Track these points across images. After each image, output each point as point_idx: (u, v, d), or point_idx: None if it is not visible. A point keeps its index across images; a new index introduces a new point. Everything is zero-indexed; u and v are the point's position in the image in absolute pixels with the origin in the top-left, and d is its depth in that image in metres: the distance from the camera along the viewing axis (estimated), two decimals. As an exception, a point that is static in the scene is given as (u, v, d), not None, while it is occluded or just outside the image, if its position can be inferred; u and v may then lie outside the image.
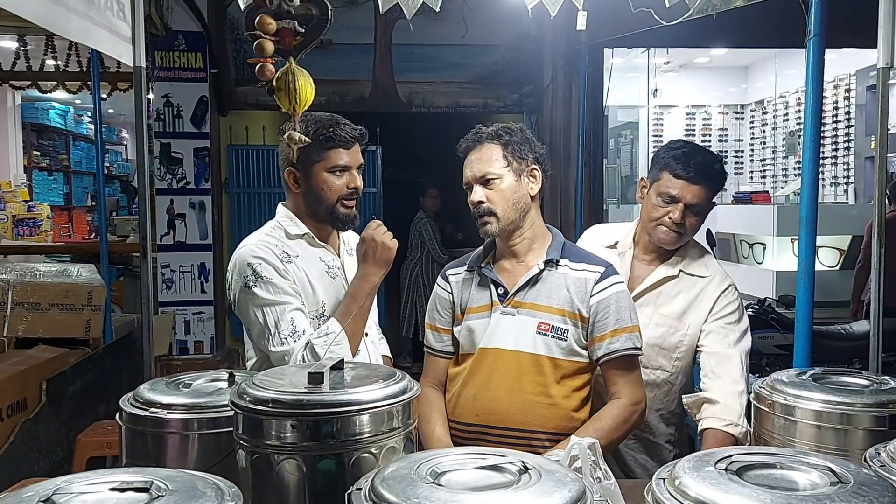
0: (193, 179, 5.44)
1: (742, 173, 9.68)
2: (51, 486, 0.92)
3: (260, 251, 1.79)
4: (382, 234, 1.86)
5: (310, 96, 1.49)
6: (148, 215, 2.07)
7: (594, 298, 1.82)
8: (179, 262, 5.47)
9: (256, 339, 1.80)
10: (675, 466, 1.02)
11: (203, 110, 5.42)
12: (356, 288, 1.85)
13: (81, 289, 4.31)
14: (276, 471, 1.14)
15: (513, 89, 5.81)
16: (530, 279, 1.84)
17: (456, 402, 1.88)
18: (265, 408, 1.15)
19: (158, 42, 5.19)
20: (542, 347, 1.81)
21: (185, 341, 5.47)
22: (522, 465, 0.98)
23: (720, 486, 0.95)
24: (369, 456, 1.14)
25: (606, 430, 1.75)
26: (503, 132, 1.86)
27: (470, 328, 1.88)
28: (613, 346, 1.80)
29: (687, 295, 2.05)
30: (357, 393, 1.16)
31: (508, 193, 1.83)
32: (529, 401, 1.80)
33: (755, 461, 1.03)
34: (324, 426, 1.13)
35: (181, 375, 1.49)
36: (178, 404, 1.33)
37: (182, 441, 1.32)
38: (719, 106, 9.65)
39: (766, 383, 1.50)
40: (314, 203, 1.87)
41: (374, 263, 1.85)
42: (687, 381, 2.11)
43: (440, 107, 5.81)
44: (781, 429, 1.42)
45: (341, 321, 1.80)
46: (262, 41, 1.41)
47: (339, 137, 1.81)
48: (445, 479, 0.96)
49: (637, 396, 1.81)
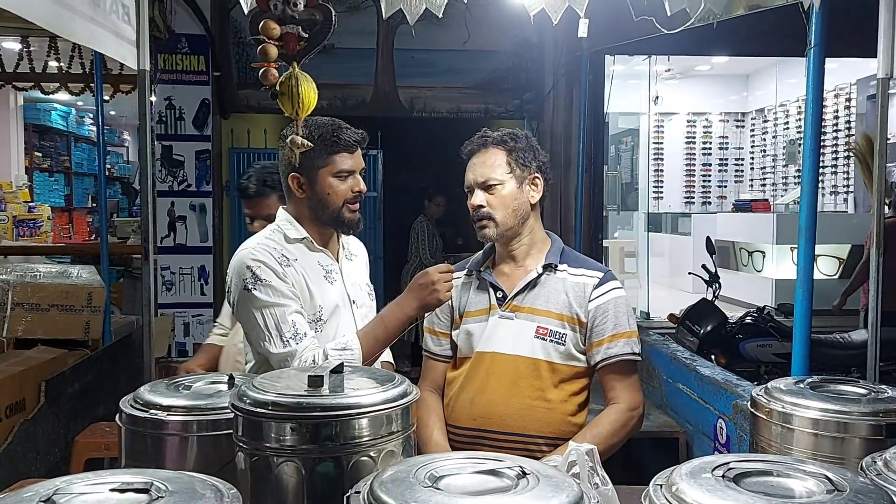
0: (195, 182, 5.45)
1: (742, 181, 9.70)
2: (51, 486, 0.92)
3: (259, 254, 1.79)
4: (445, 281, 1.78)
5: (313, 101, 1.50)
6: (150, 217, 2.07)
7: (592, 303, 1.83)
8: (179, 265, 5.48)
9: (255, 341, 1.79)
10: (673, 472, 1.02)
11: (205, 113, 5.43)
12: (390, 313, 1.81)
13: (81, 290, 4.31)
14: (275, 473, 1.14)
15: (514, 95, 5.83)
16: (529, 283, 1.85)
17: (453, 405, 1.88)
18: (265, 410, 1.15)
19: (161, 45, 5.20)
20: (539, 352, 1.82)
21: (184, 343, 5.47)
22: (520, 469, 0.99)
23: (717, 493, 0.95)
24: (368, 459, 1.14)
25: (604, 436, 1.75)
26: (509, 138, 1.87)
27: (468, 332, 1.89)
28: (611, 352, 1.81)
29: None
30: (356, 396, 1.16)
31: (509, 200, 1.84)
32: (527, 405, 1.81)
33: (752, 468, 1.03)
34: (323, 429, 1.13)
35: (181, 378, 1.50)
36: (178, 406, 1.33)
37: (181, 443, 1.32)
38: (720, 114, 9.68)
39: (763, 391, 1.50)
40: (319, 208, 1.87)
41: (419, 300, 1.78)
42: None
43: (441, 112, 5.83)
44: (778, 436, 1.43)
45: (363, 340, 1.79)
46: (266, 46, 1.42)
47: (343, 142, 1.82)
48: (444, 483, 0.96)
49: (635, 401, 1.82)
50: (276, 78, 1.46)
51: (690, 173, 9.60)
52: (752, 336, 4.25)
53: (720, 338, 4.28)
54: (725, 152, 9.68)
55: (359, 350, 1.75)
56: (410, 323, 1.80)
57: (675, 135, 9.52)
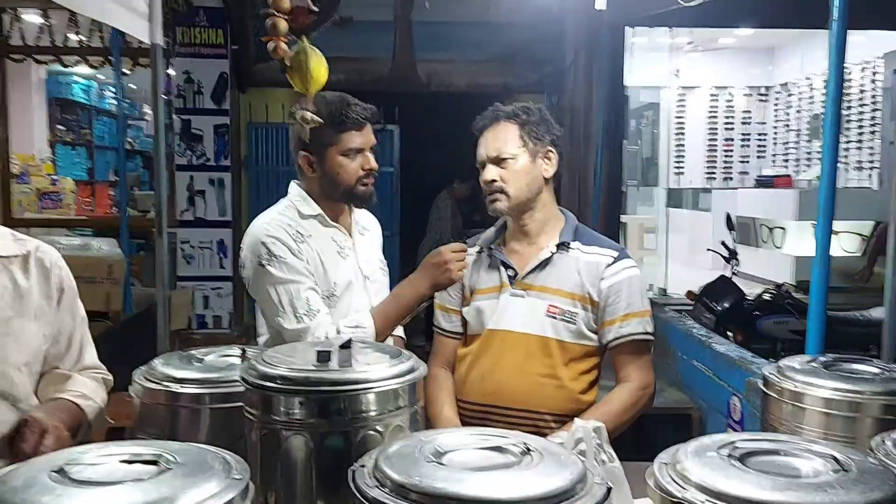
0: (213, 156, 5.48)
1: (765, 157, 9.55)
2: (63, 456, 0.94)
3: (273, 230, 1.80)
4: (458, 260, 1.79)
5: (323, 76, 1.49)
6: (164, 193, 2.09)
7: (605, 282, 1.82)
8: (199, 238, 5.53)
9: (270, 316, 1.81)
10: (678, 451, 1.02)
11: (223, 87, 5.44)
12: (403, 292, 1.83)
13: (101, 262, 4.37)
14: (283, 446, 1.16)
15: (533, 69, 5.76)
16: (541, 262, 1.84)
17: (464, 382, 1.89)
18: (274, 384, 1.16)
19: (179, 17, 5.20)
20: (550, 330, 1.82)
21: (203, 316, 5.55)
22: (525, 446, 0.99)
23: (722, 472, 0.95)
24: (375, 434, 1.15)
25: (614, 414, 1.75)
26: (521, 111, 1.85)
27: (479, 309, 1.89)
28: (623, 331, 1.81)
29: None
30: (364, 371, 1.17)
31: (522, 174, 1.83)
32: (536, 382, 1.81)
33: (758, 448, 1.03)
34: (330, 404, 1.14)
35: (194, 350, 1.52)
36: (191, 379, 1.35)
37: (193, 415, 1.34)
38: (743, 88, 9.50)
39: (775, 369, 1.50)
40: (331, 186, 1.86)
41: (431, 279, 1.79)
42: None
43: (460, 86, 5.77)
44: (790, 415, 1.42)
45: (376, 318, 1.79)
46: (275, 20, 1.41)
47: (351, 119, 1.80)
48: (448, 458, 0.97)
49: (646, 380, 1.82)
50: (286, 53, 1.46)
51: (712, 148, 9.45)
52: (769, 313, 4.22)
53: (738, 315, 4.25)
54: (748, 127, 9.50)
55: (371, 327, 1.76)
56: (423, 301, 1.81)
57: (696, 109, 9.36)
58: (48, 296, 1.56)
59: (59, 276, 1.61)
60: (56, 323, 1.58)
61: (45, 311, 1.55)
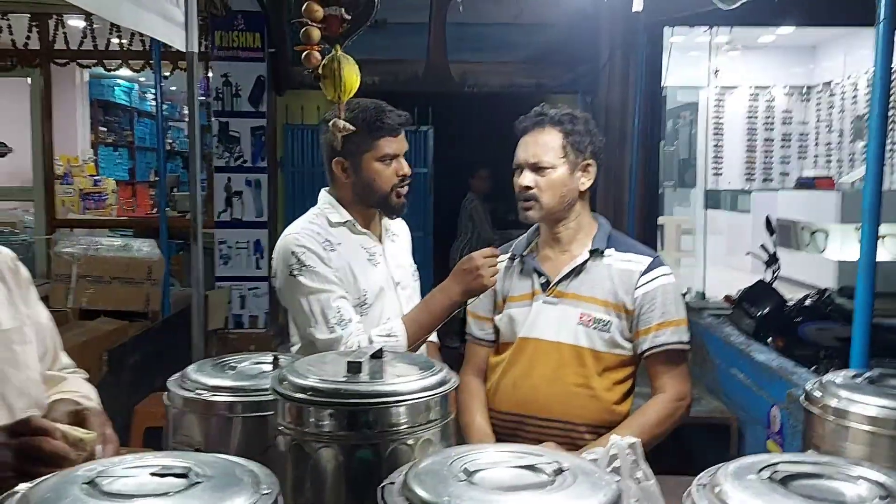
0: (250, 158, 5.53)
1: (806, 157, 9.34)
2: (95, 468, 0.95)
3: (304, 239, 1.80)
4: (489, 266, 1.76)
5: (355, 84, 1.49)
6: (199, 197, 2.10)
7: (639, 290, 1.78)
8: (236, 239, 5.59)
9: (302, 325, 1.81)
10: (717, 472, 0.99)
11: (260, 90, 5.49)
12: (435, 299, 1.81)
13: (141, 263, 4.46)
14: (313, 458, 1.15)
15: (568, 69, 5.69)
16: (574, 269, 1.81)
17: (496, 390, 1.87)
18: (303, 395, 1.16)
19: (218, 22, 5.27)
20: (583, 339, 1.78)
21: (240, 315, 5.60)
22: (558, 465, 0.97)
23: (763, 496, 0.92)
24: (405, 447, 1.14)
25: (649, 426, 1.72)
26: (567, 119, 1.80)
27: (511, 317, 1.87)
28: (658, 340, 1.77)
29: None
30: (394, 384, 1.16)
31: (558, 185, 1.79)
32: (570, 392, 1.78)
33: (801, 471, 0.99)
34: (360, 416, 1.13)
35: (228, 357, 1.52)
36: (223, 387, 1.36)
37: (226, 423, 1.34)
38: (784, 87, 9.31)
39: (818, 384, 1.44)
40: (365, 193, 1.86)
41: (463, 286, 1.77)
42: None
43: (493, 87, 5.74)
44: (833, 433, 1.36)
45: (408, 326, 1.78)
46: (308, 28, 1.41)
47: (387, 126, 1.80)
48: (479, 477, 0.95)
49: (682, 391, 1.78)
50: (319, 61, 1.45)
51: (751, 149, 9.28)
52: (811, 319, 4.11)
53: (778, 321, 4.15)
54: (789, 127, 9.31)
55: (403, 336, 1.75)
56: (455, 308, 1.79)
57: (735, 109, 9.20)
58: (25, 299, 1.44)
59: (25, 273, 1.47)
60: (35, 323, 1.46)
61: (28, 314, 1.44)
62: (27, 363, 1.40)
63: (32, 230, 6.01)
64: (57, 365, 1.55)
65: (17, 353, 1.38)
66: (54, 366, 1.54)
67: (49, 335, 1.51)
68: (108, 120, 9.12)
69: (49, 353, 1.51)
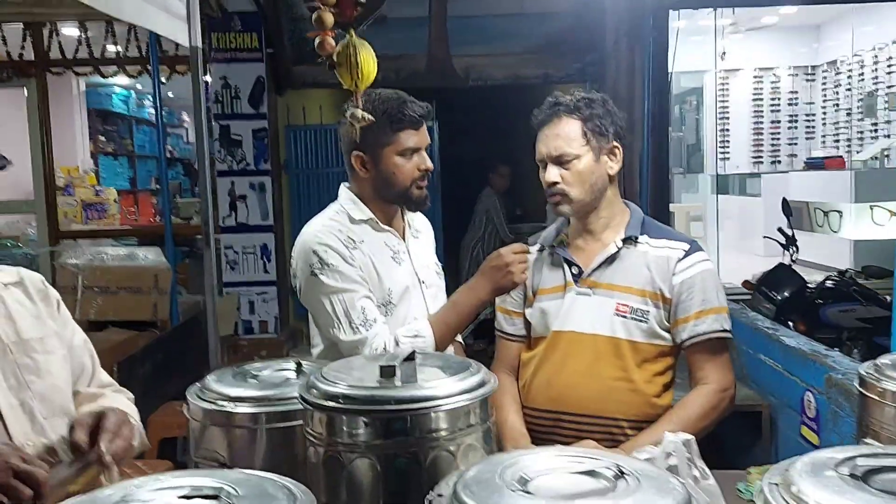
0: (253, 161, 5.46)
1: (813, 138, 9.26)
2: (119, 491, 0.88)
3: (325, 237, 1.72)
4: (520, 262, 1.69)
5: (372, 71, 1.40)
6: (209, 200, 2.03)
7: (677, 278, 1.70)
8: (242, 244, 5.52)
9: (324, 328, 1.73)
10: (790, 469, 0.92)
11: (260, 90, 5.41)
12: (462, 298, 1.74)
13: (148, 272, 4.39)
14: (348, 469, 1.08)
15: (574, 59, 5.60)
16: (607, 258, 1.73)
17: (529, 387, 1.79)
18: (335, 403, 1.08)
19: (214, 23, 5.19)
20: (620, 330, 1.70)
21: (249, 321, 5.54)
22: (618, 469, 0.90)
23: (844, 494, 0.85)
24: (447, 454, 1.06)
25: (693, 419, 1.63)
26: (583, 104, 1.72)
27: (543, 310, 1.78)
28: (699, 329, 1.69)
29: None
30: (431, 388, 1.09)
31: (586, 174, 1.71)
32: (608, 386, 1.70)
33: (882, 464, 0.91)
34: (396, 424, 1.06)
35: (247, 365, 1.45)
36: (246, 397, 1.28)
37: (251, 436, 1.27)
38: (789, 68, 9.22)
39: (873, 368, 1.36)
40: (385, 187, 1.78)
41: (493, 283, 1.70)
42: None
43: (498, 80, 5.65)
44: (893, 420, 1.29)
45: (435, 326, 1.71)
46: (321, 13, 1.32)
47: (409, 118, 1.72)
48: (534, 485, 0.88)
49: (726, 382, 1.70)
50: (333, 48, 1.37)
51: (758, 131, 9.20)
52: (833, 301, 4.03)
53: (799, 304, 4.07)
54: (795, 108, 9.23)
55: (431, 336, 1.68)
56: (484, 307, 1.72)
57: (741, 92, 9.12)
58: (52, 316, 1.49)
59: (55, 295, 1.52)
60: (67, 341, 1.51)
61: (56, 330, 1.48)
62: (49, 370, 1.42)
63: (36, 242, 5.95)
64: (95, 382, 1.56)
65: (38, 361, 1.41)
66: (93, 384, 1.55)
67: (87, 355, 1.55)
68: (106, 129, 9.05)
69: (87, 372, 1.54)
